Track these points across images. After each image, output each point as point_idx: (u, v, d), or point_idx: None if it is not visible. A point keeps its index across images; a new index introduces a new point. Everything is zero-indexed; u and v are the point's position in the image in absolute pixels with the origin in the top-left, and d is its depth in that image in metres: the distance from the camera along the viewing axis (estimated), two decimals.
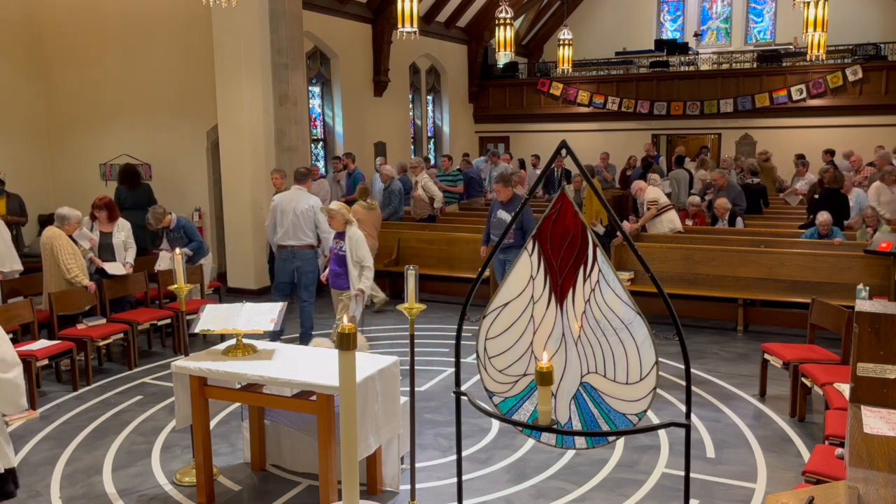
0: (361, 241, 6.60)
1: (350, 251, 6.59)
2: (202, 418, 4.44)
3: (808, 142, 15.65)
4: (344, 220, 6.60)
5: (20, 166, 11.09)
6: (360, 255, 6.57)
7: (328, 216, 6.75)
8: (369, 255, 6.63)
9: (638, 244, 8.57)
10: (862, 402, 2.85)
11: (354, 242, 6.61)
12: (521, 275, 2.83)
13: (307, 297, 7.64)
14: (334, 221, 6.63)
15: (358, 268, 6.59)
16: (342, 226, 6.63)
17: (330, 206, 6.78)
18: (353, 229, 6.64)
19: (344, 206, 6.70)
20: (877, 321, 2.80)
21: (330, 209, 6.67)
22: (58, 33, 11.67)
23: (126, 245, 7.73)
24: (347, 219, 6.60)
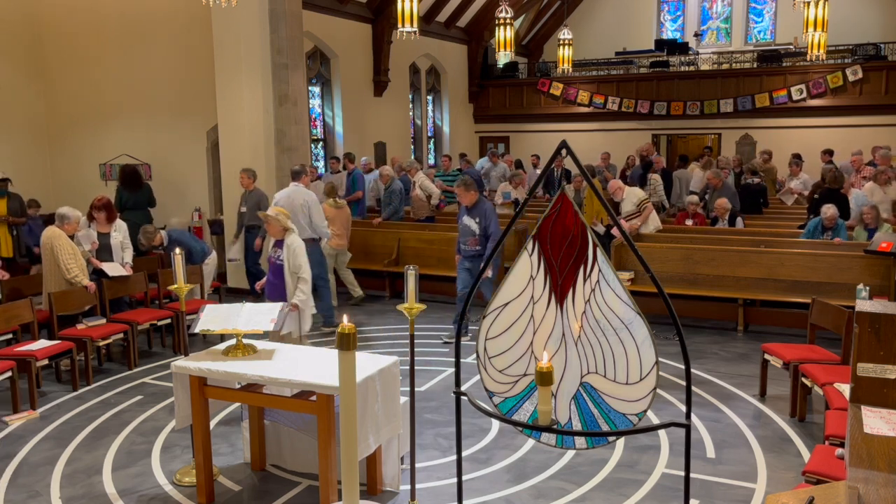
0: (300, 250, 6.06)
1: (287, 261, 6.03)
2: (202, 418, 4.44)
3: (808, 142, 15.65)
4: (282, 228, 6.07)
5: (20, 166, 11.09)
6: (297, 265, 6.01)
7: (264, 222, 6.29)
8: (307, 266, 6.08)
9: (638, 244, 8.57)
10: (862, 402, 2.85)
11: (292, 251, 6.03)
12: (521, 275, 2.83)
13: (322, 284, 8.13)
14: (271, 228, 6.10)
15: (295, 279, 6.04)
16: (280, 233, 6.09)
17: (266, 211, 6.30)
18: (292, 237, 6.10)
19: (282, 212, 6.19)
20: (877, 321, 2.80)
21: (266, 215, 6.19)
22: (58, 33, 11.68)
23: (123, 245, 7.74)
24: (285, 226, 6.08)
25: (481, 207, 7.48)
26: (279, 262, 6.12)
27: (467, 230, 7.53)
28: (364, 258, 10.12)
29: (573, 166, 12.90)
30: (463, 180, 7.60)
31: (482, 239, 7.47)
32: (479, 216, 7.43)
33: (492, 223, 7.47)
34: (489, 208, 7.50)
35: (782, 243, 8.58)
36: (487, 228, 7.43)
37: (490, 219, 7.45)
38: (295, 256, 6.03)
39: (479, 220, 7.43)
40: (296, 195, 7.91)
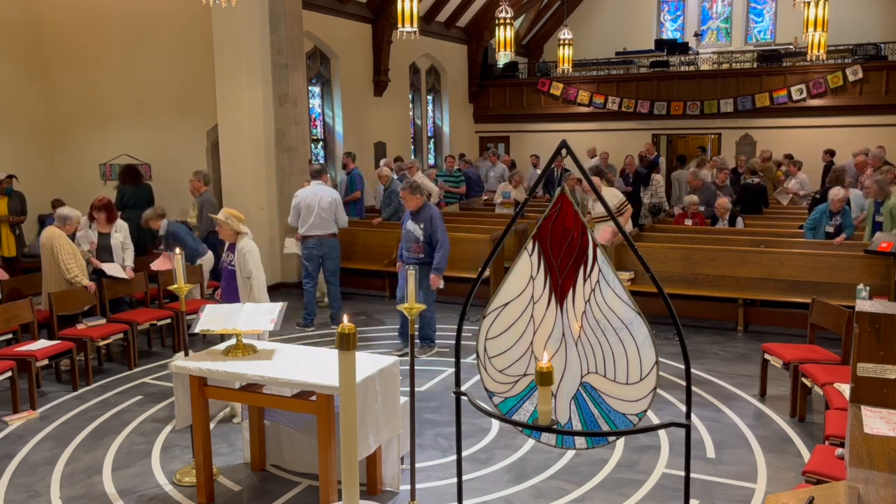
0: (252, 254, 5.73)
1: (238, 266, 5.74)
2: (202, 418, 4.44)
3: (808, 142, 15.66)
4: (233, 231, 5.76)
5: (20, 166, 11.09)
6: (248, 270, 5.71)
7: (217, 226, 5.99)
8: (259, 271, 5.75)
9: (638, 244, 8.57)
10: (862, 402, 2.85)
11: (243, 256, 5.72)
12: (521, 275, 2.82)
13: (333, 280, 8.42)
14: (223, 232, 5.81)
15: (248, 286, 5.74)
16: (233, 237, 5.79)
17: (218, 214, 5.93)
18: (244, 241, 5.78)
19: (234, 214, 5.83)
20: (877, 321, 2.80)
21: (217, 218, 5.86)
22: (58, 33, 11.68)
23: (124, 246, 7.73)
24: (237, 229, 5.76)
25: (426, 213, 7.13)
26: (231, 266, 5.84)
27: (411, 236, 7.17)
28: (364, 258, 10.12)
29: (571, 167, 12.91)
30: (408, 183, 7.24)
31: (425, 246, 7.11)
32: (424, 222, 7.09)
33: (437, 230, 7.10)
34: (435, 214, 7.17)
35: (782, 243, 8.58)
36: (433, 236, 7.07)
37: (436, 225, 7.10)
38: (246, 262, 5.72)
39: (423, 226, 7.08)
40: (323, 193, 8.22)
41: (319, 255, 8.22)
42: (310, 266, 8.24)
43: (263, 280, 5.80)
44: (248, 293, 5.72)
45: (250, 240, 5.86)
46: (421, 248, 7.13)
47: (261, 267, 5.79)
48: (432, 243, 7.09)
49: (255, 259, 5.73)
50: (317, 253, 8.20)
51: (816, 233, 8.56)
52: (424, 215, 7.12)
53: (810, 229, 8.62)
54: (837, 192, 8.47)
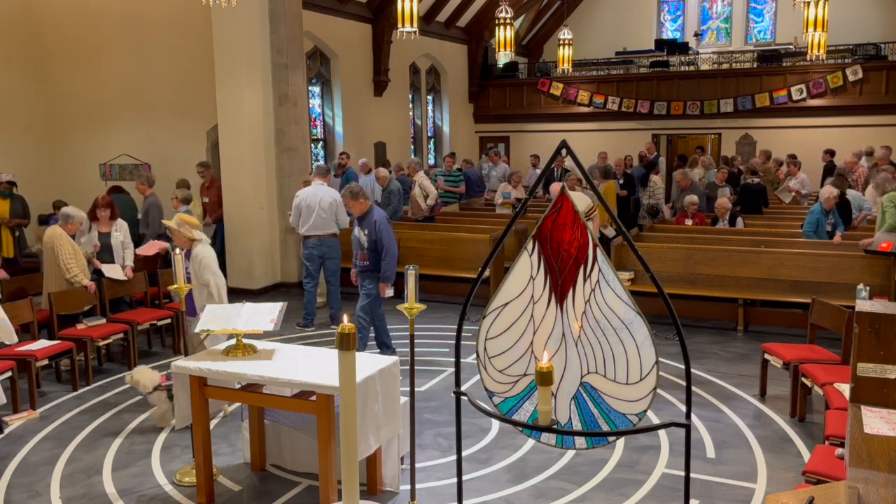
0: (208, 261, 5.56)
1: (195, 273, 5.57)
2: (202, 418, 4.44)
3: (808, 142, 15.66)
4: (188, 238, 5.62)
5: (21, 166, 11.10)
6: (205, 279, 5.53)
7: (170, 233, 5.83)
8: (216, 278, 5.56)
9: (638, 244, 8.57)
10: (862, 402, 2.85)
11: (198, 263, 5.55)
12: (521, 275, 2.82)
13: (334, 280, 8.42)
14: (177, 238, 5.66)
15: (205, 294, 5.56)
16: (187, 243, 5.63)
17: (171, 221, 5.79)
18: (199, 247, 5.62)
19: (187, 221, 5.68)
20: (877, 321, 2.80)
21: (170, 225, 5.71)
22: (58, 33, 11.68)
23: (124, 245, 7.74)
24: (191, 236, 5.61)
25: (370, 219, 6.73)
26: (187, 274, 5.60)
27: (357, 243, 6.82)
28: None
29: (572, 166, 12.90)
30: (349, 188, 6.84)
31: (370, 253, 6.74)
32: (369, 228, 6.70)
33: (383, 236, 6.67)
34: (380, 220, 6.75)
35: (782, 243, 8.58)
36: (378, 242, 6.68)
37: (381, 231, 6.68)
38: (202, 269, 5.54)
39: (368, 231, 6.70)
40: (323, 193, 8.22)
41: (320, 256, 8.23)
42: (311, 266, 8.26)
43: (223, 286, 5.64)
44: (205, 300, 5.51)
45: (206, 245, 5.71)
46: (366, 255, 6.78)
47: (218, 272, 5.63)
48: (378, 250, 6.72)
49: (211, 265, 5.56)
50: (317, 253, 8.22)
51: (819, 234, 8.56)
52: (369, 221, 6.74)
53: (812, 231, 8.61)
54: (829, 190, 8.48)
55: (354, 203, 6.76)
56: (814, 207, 8.76)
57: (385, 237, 6.68)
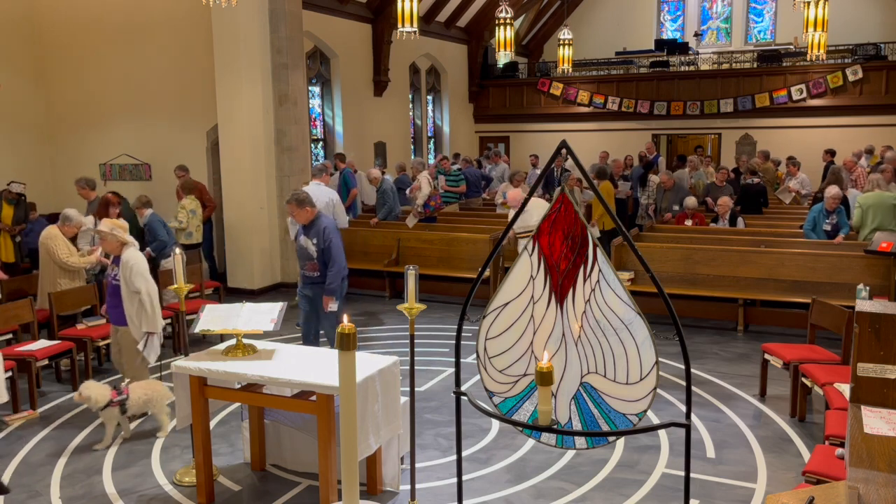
0: (139, 267, 5.39)
1: (124, 280, 5.38)
2: (202, 418, 4.44)
3: (808, 142, 15.67)
4: (118, 242, 5.42)
5: (20, 166, 11.10)
6: (137, 286, 5.36)
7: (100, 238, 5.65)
8: (146, 285, 5.39)
9: (638, 244, 8.57)
10: (862, 402, 2.85)
11: (129, 269, 5.36)
12: (521, 275, 2.83)
13: None
14: (106, 244, 5.48)
15: (135, 302, 5.40)
16: (118, 248, 5.44)
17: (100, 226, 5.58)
18: (129, 253, 5.43)
19: (118, 225, 5.50)
20: (877, 321, 2.80)
21: (100, 230, 5.51)
22: (58, 34, 11.68)
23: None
24: (123, 240, 5.42)
25: (318, 226, 6.26)
26: (116, 281, 5.50)
27: (304, 253, 6.35)
28: (364, 258, 10.12)
29: (572, 166, 12.89)
30: (295, 195, 6.34)
31: (320, 264, 6.28)
32: (317, 236, 6.25)
33: (332, 245, 6.22)
34: (328, 227, 6.28)
35: (782, 243, 8.58)
36: (325, 252, 6.22)
37: (329, 239, 6.22)
38: (132, 275, 5.36)
39: (315, 241, 6.26)
40: (321, 193, 8.12)
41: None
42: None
43: (155, 292, 5.48)
44: (136, 309, 5.40)
45: (136, 251, 5.53)
46: (315, 266, 6.31)
47: (150, 279, 5.46)
48: (324, 260, 6.26)
49: (143, 271, 5.40)
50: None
51: (816, 233, 8.58)
52: (317, 228, 6.26)
53: (810, 230, 8.64)
54: (832, 190, 8.49)
55: (300, 211, 6.24)
56: (816, 206, 8.76)
57: (334, 245, 6.23)
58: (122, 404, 5.28)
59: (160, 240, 8.13)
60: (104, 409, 5.24)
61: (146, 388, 5.41)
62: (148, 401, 5.37)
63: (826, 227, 8.52)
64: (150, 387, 5.45)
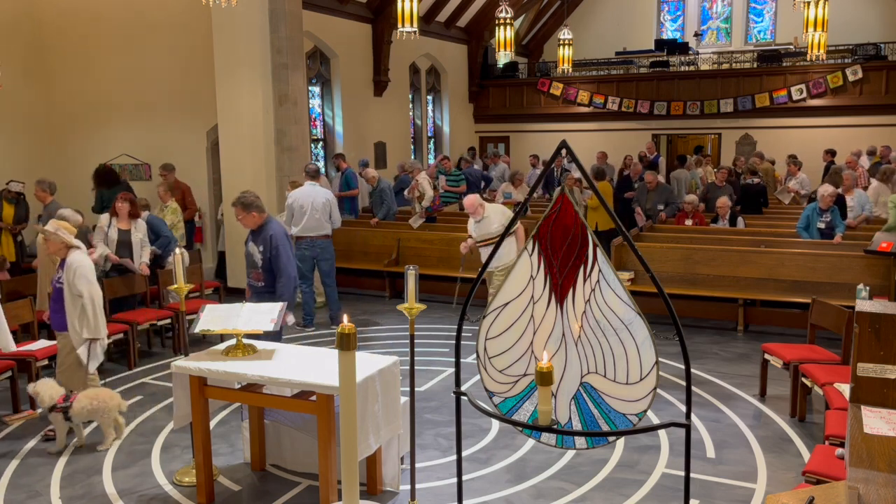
0: (84, 270, 5.19)
1: (67, 283, 5.19)
2: (202, 418, 4.44)
3: (808, 142, 15.66)
4: (64, 245, 5.24)
5: (20, 166, 11.09)
6: (80, 290, 5.16)
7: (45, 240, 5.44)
8: (91, 289, 5.20)
9: (638, 244, 8.57)
10: (862, 402, 2.85)
11: (73, 272, 5.16)
12: (521, 275, 2.83)
13: (330, 282, 8.42)
14: (51, 245, 5.28)
15: (78, 305, 5.21)
16: (63, 251, 5.26)
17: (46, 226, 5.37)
18: (74, 255, 5.24)
19: (64, 226, 5.31)
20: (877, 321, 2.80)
21: (46, 231, 5.29)
22: (58, 33, 11.67)
23: (142, 243, 7.76)
24: (69, 242, 5.24)
25: (266, 233, 5.79)
26: (59, 284, 5.32)
27: (250, 260, 5.92)
28: (364, 258, 10.12)
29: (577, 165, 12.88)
30: (240, 198, 5.86)
31: (266, 274, 5.81)
32: (264, 244, 5.79)
33: (280, 254, 5.73)
34: (276, 234, 5.80)
35: (782, 243, 8.59)
36: (273, 261, 5.75)
37: (276, 248, 5.73)
38: (76, 278, 5.17)
39: (262, 248, 5.80)
40: (316, 194, 8.19)
41: (312, 257, 8.24)
42: (303, 267, 8.15)
43: (99, 297, 5.30)
44: (79, 314, 5.22)
45: (83, 254, 5.35)
46: (260, 275, 5.84)
47: (94, 283, 5.27)
48: (271, 269, 5.79)
49: (87, 274, 5.20)
50: (310, 254, 8.22)
51: (810, 231, 8.57)
52: (264, 235, 5.80)
53: (804, 228, 8.63)
54: (826, 188, 8.48)
55: (246, 215, 5.81)
56: (810, 205, 8.76)
57: (282, 255, 5.74)
58: (64, 411, 5.09)
59: (165, 235, 8.16)
60: (50, 413, 5.10)
61: (93, 398, 5.18)
62: (93, 410, 5.16)
63: (820, 225, 8.52)
64: (97, 396, 5.21)
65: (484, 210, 7.39)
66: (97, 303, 5.27)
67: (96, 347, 5.39)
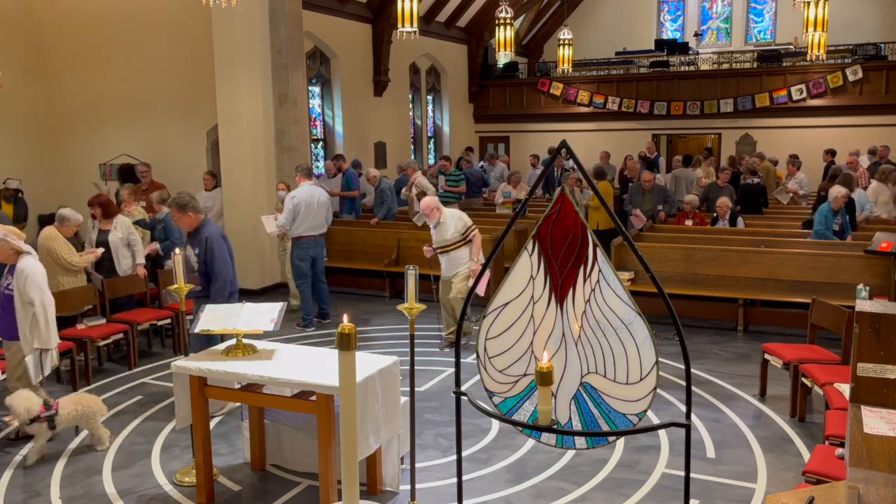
0: (35, 276, 5.03)
1: (18, 290, 5.04)
2: (202, 418, 4.44)
3: (808, 142, 15.66)
4: (13, 251, 5.10)
5: (20, 166, 11.10)
6: (31, 297, 5.01)
7: None
8: (43, 297, 5.05)
9: (638, 244, 8.57)
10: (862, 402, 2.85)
11: (24, 279, 5.01)
12: (521, 275, 2.82)
13: (323, 278, 8.49)
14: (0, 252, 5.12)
15: (29, 314, 5.03)
16: (12, 257, 5.11)
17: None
18: (25, 261, 5.08)
19: (13, 232, 5.20)
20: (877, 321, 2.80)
21: None
22: (58, 33, 11.68)
23: (130, 243, 7.72)
24: (18, 248, 5.10)
25: (201, 235, 5.54)
26: (9, 291, 5.16)
27: (188, 265, 5.57)
28: (364, 258, 10.12)
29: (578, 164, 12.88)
30: (176, 199, 5.60)
31: (202, 278, 5.53)
32: (199, 247, 5.54)
33: (215, 256, 5.46)
34: (212, 236, 5.53)
35: (782, 243, 8.58)
36: (208, 264, 5.48)
37: (211, 251, 5.47)
38: (27, 285, 5.01)
39: (198, 251, 5.55)
40: (319, 193, 8.26)
41: (314, 256, 8.26)
42: (303, 266, 8.22)
43: (51, 304, 5.12)
44: (30, 322, 5.05)
45: (34, 260, 5.20)
46: (197, 279, 5.53)
47: (46, 290, 5.12)
48: (207, 273, 5.52)
49: (38, 281, 5.05)
50: (312, 253, 8.24)
51: (829, 233, 8.55)
52: (199, 238, 5.54)
53: (826, 230, 8.54)
54: (839, 190, 8.47)
55: (182, 216, 5.53)
56: (822, 207, 8.69)
57: (217, 257, 5.46)
58: (50, 420, 4.97)
59: (172, 240, 8.18)
60: (31, 424, 4.94)
61: (77, 403, 5.12)
62: (79, 416, 5.09)
63: (835, 227, 8.53)
64: (81, 401, 5.15)
65: (440, 214, 7.14)
66: (49, 311, 5.08)
67: (45, 358, 5.13)
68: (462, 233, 7.15)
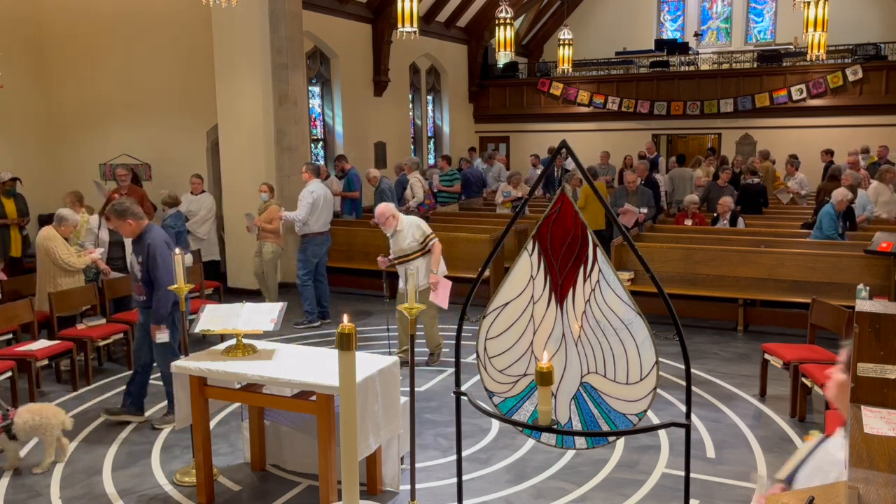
0: None
1: None
2: (202, 418, 4.44)
3: (808, 142, 15.66)
4: None
5: (20, 166, 11.09)
6: None
7: None
8: None
9: (638, 244, 8.57)
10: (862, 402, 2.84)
11: None
12: (521, 275, 2.82)
13: (324, 277, 8.64)
14: None
15: None
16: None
17: None
18: None
19: None
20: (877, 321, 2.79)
21: None
22: (58, 33, 11.67)
23: None
24: None
25: (144, 242, 5.32)
26: None
27: (132, 272, 5.49)
28: (364, 258, 10.11)
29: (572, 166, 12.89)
30: (113, 206, 5.36)
31: (145, 286, 5.33)
32: (142, 254, 5.32)
33: (157, 264, 5.24)
34: (154, 243, 5.30)
35: (782, 243, 8.58)
36: (150, 271, 5.27)
37: (153, 256, 5.25)
38: None
39: (140, 259, 5.34)
40: (327, 191, 8.54)
41: (322, 252, 8.45)
42: (316, 262, 8.41)
43: None
44: None
45: None
46: (141, 288, 5.35)
47: None
48: (152, 282, 5.30)
49: None
50: (323, 249, 8.45)
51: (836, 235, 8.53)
52: (142, 245, 5.33)
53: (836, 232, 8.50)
54: (843, 192, 8.44)
55: (121, 223, 5.32)
56: (827, 209, 8.63)
57: (160, 265, 5.24)
58: (7, 429, 4.82)
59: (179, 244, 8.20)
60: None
61: (35, 412, 4.90)
62: (36, 427, 4.86)
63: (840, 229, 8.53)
64: (41, 411, 4.93)
65: (396, 222, 6.65)
66: None
67: None
68: (420, 242, 6.65)
